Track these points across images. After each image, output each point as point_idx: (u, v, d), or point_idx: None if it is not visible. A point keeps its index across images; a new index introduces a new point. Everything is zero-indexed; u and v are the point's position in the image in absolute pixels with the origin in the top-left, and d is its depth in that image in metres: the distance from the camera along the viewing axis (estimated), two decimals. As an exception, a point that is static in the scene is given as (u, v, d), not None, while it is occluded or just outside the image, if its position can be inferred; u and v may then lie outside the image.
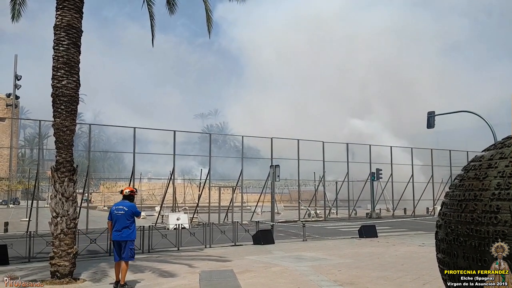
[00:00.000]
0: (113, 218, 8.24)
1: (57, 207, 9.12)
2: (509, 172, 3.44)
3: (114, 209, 8.32)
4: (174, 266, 10.47)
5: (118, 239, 8.15)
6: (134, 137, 22.94)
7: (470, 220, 3.53)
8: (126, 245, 8.15)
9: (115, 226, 8.17)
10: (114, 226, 8.20)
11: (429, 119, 25.27)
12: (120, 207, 8.27)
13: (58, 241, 8.99)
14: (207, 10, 13.22)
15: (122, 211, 8.21)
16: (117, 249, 8.22)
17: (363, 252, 12.97)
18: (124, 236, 8.16)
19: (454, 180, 4.11)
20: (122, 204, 8.32)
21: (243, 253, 12.91)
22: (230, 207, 26.39)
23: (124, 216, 8.19)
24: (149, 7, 13.04)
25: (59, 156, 9.35)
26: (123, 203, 8.38)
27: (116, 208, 8.29)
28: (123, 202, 8.40)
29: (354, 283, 8.42)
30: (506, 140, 3.81)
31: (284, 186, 39.77)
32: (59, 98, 9.32)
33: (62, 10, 9.45)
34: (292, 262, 11.02)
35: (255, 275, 9.39)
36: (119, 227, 8.15)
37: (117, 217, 8.19)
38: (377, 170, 33.00)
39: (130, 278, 9.11)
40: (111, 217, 8.31)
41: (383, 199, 34.71)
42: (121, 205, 8.30)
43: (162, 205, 26.27)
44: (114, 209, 8.31)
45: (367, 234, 17.13)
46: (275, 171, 17.36)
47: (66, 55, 9.37)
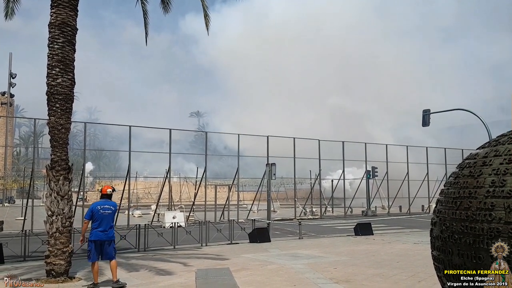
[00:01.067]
0: (97, 217, 8.11)
1: (52, 206, 9.09)
2: (504, 170, 3.45)
3: (100, 208, 8.17)
4: (170, 265, 10.46)
5: (105, 238, 8.09)
6: (129, 136, 22.86)
7: (464, 218, 3.54)
8: (111, 244, 8.15)
9: (101, 226, 8.06)
10: (98, 226, 8.07)
11: (424, 117, 25.31)
12: (107, 206, 8.23)
13: (54, 240, 8.96)
14: (204, 7, 13.19)
15: (109, 210, 8.19)
16: (98, 249, 8.11)
17: (359, 250, 13.01)
18: (110, 236, 8.16)
19: (449, 178, 4.12)
20: (108, 204, 8.30)
21: (239, 251, 12.92)
22: (226, 205, 26.39)
23: (111, 216, 8.19)
24: (143, 5, 13.01)
25: (54, 154, 9.31)
26: (108, 202, 8.35)
27: (102, 208, 8.18)
28: (108, 202, 8.37)
29: (350, 281, 8.45)
30: (501, 137, 3.82)
31: (280, 184, 39.83)
32: (54, 96, 9.28)
33: (57, 8, 9.40)
34: (288, 260, 11.04)
35: (251, 273, 9.40)
36: (107, 226, 8.10)
37: (104, 216, 8.13)
38: (373, 168, 33.11)
39: (125, 277, 9.11)
40: (90, 216, 8.15)
41: (379, 197, 34.83)
42: (107, 205, 8.27)
43: (158, 203, 26.22)
44: (99, 208, 8.17)
45: (362, 232, 17.19)
46: (271, 170, 17.37)
47: (61, 53, 9.33)
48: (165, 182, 24.79)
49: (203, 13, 13.24)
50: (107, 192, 8.50)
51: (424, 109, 25.65)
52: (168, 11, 13.47)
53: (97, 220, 8.12)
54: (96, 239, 8.09)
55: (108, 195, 8.49)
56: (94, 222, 8.13)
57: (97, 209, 8.19)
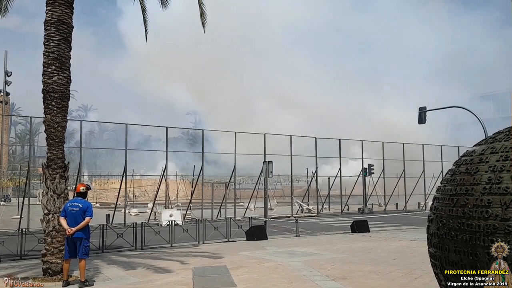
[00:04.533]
0: (67, 215, 8.17)
1: (48, 204, 9.06)
2: (500, 167, 3.47)
3: (69, 205, 8.26)
4: (167, 263, 10.45)
5: (74, 236, 8.09)
6: (126, 134, 22.80)
7: (461, 214, 3.55)
8: (82, 243, 8.12)
9: (70, 223, 8.09)
10: (69, 223, 8.10)
11: (420, 115, 25.34)
12: (75, 204, 8.25)
13: (50, 238, 8.94)
14: (200, 4, 13.14)
15: (76, 207, 8.18)
16: (70, 247, 8.14)
17: (356, 247, 13.05)
18: (79, 234, 8.11)
19: (445, 175, 4.13)
20: (77, 201, 8.32)
21: (236, 249, 12.92)
22: (223, 203, 26.39)
23: (78, 213, 8.15)
24: (141, 1, 12.95)
25: (50, 153, 9.29)
26: (77, 200, 8.40)
27: (71, 205, 8.24)
28: (78, 199, 8.41)
29: (346, 278, 8.47)
30: (497, 134, 3.83)
31: (276, 182, 39.83)
32: (50, 94, 9.24)
33: (52, 5, 9.35)
34: (285, 258, 11.05)
35: (248, 270, 9.41)
36: (72, 224, 8.08)
37: (71, 214, 8.15)
38: (369, 165, 33.19)
39: (122, 275, 9.11)
40: (65, 214, 8.22)
41: (375, 194, 34.91)
42: (76, 202, 8.30)
43: (154, 201, 26.20)
44: (68, 206, 8.26)
45: (359, 229, 17.24)
46: (268, 167, 17.36)
47: (57, 51, 9.28)
48: (162, 180, 24.76)
49: (199, 11, 13.18)
50: (81, 190, 8.59)
51: (420, 107, 25.68)
52: (166, 6, 13.42)
53: (67, 217, 8.17)
54: (66, 236, 8.20)
55: (82, 193, 8.56)
56: (67, 220, 8.17)
57: (67, 206, 8.30)
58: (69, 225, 8.07)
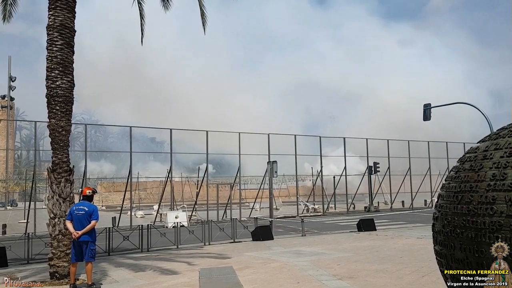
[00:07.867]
0: (73, 218, 8.19)
1: (54, 208, 9.11)
2: (504, 163, 3.44)
3: (75, 209, 8.28)
4: (173, 264, 10.48)
5: (80, 239, 8.12)
6: (130, 136, 22.85)
7: (466, 212, 3.53)
8: (88, 246, 8.15)
9: (76, 227, 8.11)
10: (75, 227, 8.12)
11: (425, 111, 25.25)
12: (81, 207, 8.27)
13: (57, 242, 8.98)
14: (201, 5, 13.14)
15: (82, 211, 8.20)
16: (77, 250, 8.17)
17: (362, 246, 13.01)
18: (85, 237, 8.14)
19: (450, 172, 4.11)
20: (83, 205, 8.33)
21: (242, 249, 12.92)
22: (229, 204, 26.41)
23: (84, 217, 8.17)
24: (140, 5, 12.96)
25: (55, 157, 9.33)
26: (83, 203, 8.40)
27: (77, 209, 8.26)
28: (84, 203, 8.42)
29: (353, 277, 8.45)
30: (501, 130, 3.81)
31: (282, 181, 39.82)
32: (54, 98, 9.28)
33: (54, 10, 9.39)
34: (291, 258, 11.04)
35: (255, 271, 9.41)
36: (78, 227, 8.10)
37: (77, 217, 8.17)
38: (375, 163, 33.08)
39: (129, 277, 9.14)
40: (71, 217, 8.25)
41: (381, 192, 34.81)
42: (82, 206, 8.31)
43: (160, 203, 26.25)
44: (75, 209, 8.28)
45: (365, 227, 17.19)
46: (273, 167, 17.35)
47: (60, 55, 9.32)
48: (167, 181, 24.80)
49: (200, 12, 13.18)
50: (87, 194, 8.58)
51: (425, 103, 25.58)
52: (168, 8, 13.41)
53: (73, 221, 8.19)
54: (72, 239, 8.23)
55: (88, 196, 8.56)
56: (73, 223, 8.20)
57: (73, 209, 8.33)
58: (75, 228, 8.09)
